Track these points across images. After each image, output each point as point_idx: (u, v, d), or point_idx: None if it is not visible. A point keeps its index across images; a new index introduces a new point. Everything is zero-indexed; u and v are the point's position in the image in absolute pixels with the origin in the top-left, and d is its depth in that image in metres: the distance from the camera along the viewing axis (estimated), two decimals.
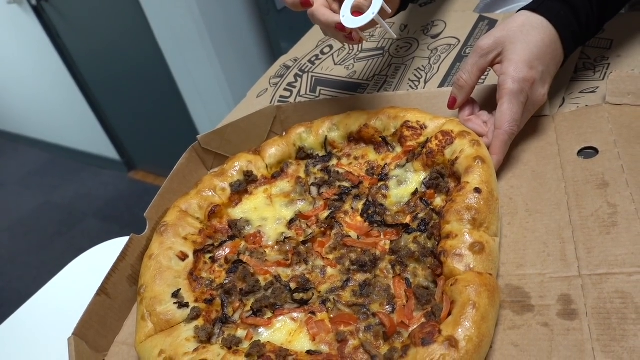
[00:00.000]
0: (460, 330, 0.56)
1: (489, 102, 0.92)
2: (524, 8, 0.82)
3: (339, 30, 0.79)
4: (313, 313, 0.69)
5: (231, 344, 0.67)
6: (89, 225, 3.87)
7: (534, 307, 0.62)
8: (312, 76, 1.22)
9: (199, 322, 0.72)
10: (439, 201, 0.78)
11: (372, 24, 0.78)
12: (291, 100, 1.17)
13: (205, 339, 0.68)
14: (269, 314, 0.71)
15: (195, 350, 0.67)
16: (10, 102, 4.56)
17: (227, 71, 2.70)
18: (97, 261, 0.93)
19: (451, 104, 0.87)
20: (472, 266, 0.63)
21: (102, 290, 0.76)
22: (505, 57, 0.78)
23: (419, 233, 0.74)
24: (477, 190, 0.70)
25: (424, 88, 1.05)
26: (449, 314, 0.60)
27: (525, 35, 0.77)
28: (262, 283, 0.76)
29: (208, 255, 0.83)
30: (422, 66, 1.11)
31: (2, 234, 3.98)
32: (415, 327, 0.62)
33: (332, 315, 0.68)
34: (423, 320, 0.63)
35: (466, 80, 0.83)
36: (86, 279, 0.83)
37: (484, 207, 0.68)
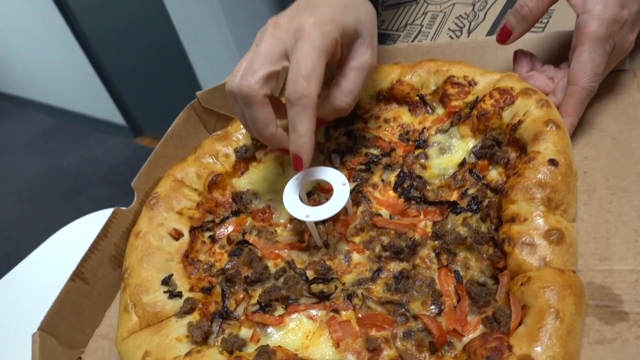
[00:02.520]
0: (538, 347, 0.42)
1: (551, 54, 0.75)
2: None
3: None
4: (336, 311, 0.55)
5: (233, 347, 0.54)
6: (95, 191, 3.80)
7: (629, 315, 0.47)
8: None
9: (194, 316, 0.58)
10: (494, 175, 0.62)
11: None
12: None
13: (200, 339, 0.55)
14: (281, 310, 0.57)
15: (188, 354, 0.53)
16: (14, 66, 4.44)
17: (235, 29, 2.52)
18: (78, 237, 0.80)
19: (504, 36, 0.69)
20: (548, 260, 0.48)
21: (78, 275, 0.62)
22: None
23: (469, 213, 0.59)
24: (553, 162, 0.54)
25: (467, 37, 0.88)
26: (520, 322, 0.45)
27: None
28: (272, 270, 0.62)
29: (207, 234, 0.69)
30: (465, 13, 0.93)
31: (9, 198, 3.92)
32: (471, 336, 0.48)
33: (360, 315, 0.54)
34: (481, 327, 0.48)
35: (531, 9, 0.66)
36: (63, 259, 0.69)
37: (561, 184, 0.53)
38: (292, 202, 0.61)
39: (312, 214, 0.58)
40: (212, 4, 2.47)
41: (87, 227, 0.81)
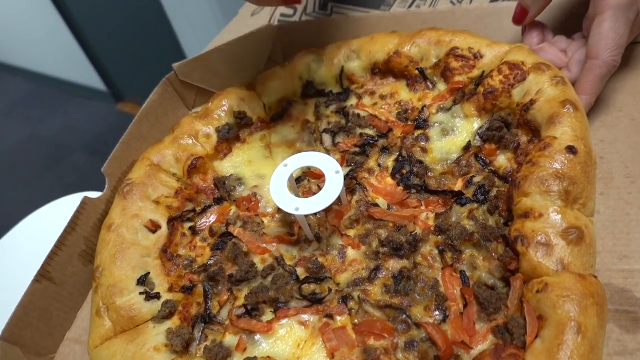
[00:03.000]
0: None
1: (563, 23, 0.69)
2: None
3: None
4: (330, 316, 0.50)
5: (216, 357, 0.49)
6: (77, 159, 3.70)
7: None
8: None
9: (173, 321, 0.53)
10: (502, 160, 0.57)
11: None
12: (295, 19, 0.92)
13: (180, 348, 0.50)
14: (269, 314, 0.52)
15: None
16: None
17: None
18: (46, 226, 0.73)
19: (519, 17, 0.63)
20: (566, 262, 0.43)
21: (43, 275, 0.56)
22: None
23: (476, 205, 0.54)
24: (571, 149, 0.48)
25: (470, 3, 0.80)
26: (536, 336, 0.40)
27: None
28: (259, 266, 0.56)
29: (187, 225, 0.63)
30: None
31: None
32: (480, 347, 0.43)
33: (356, 321, 0.49)
34: (491, 337, 0.44)
35: None
36: (28, 254, 0.63)
37: (580, 175, 0.47)
38: (280, 192, 0.54)
39: (302, 206, 0.52)
40: None
41: (55, 216, 0.74)
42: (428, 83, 0.67)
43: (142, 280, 0.56)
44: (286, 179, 0.56)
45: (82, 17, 3.40)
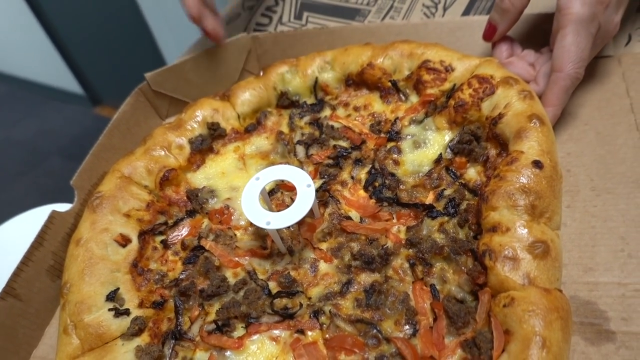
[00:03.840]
0: None
1: (531, 37, 0.70)
2: None
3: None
4: (301, 332, 0.50)
5: None
6: (53, 163, 3.62)
7: (615, 335, 0.44)
8: None
9: (143, 338, 0.52)
10: (472, 174, 0.57)
11: None
12: (270, 29, 0.93)
13: None
14: (241, 330, 0.51)
15: None
16: None
17: None
18: (13, 240, 0.72)
19: (489, 34, 0.65)
20: (532, 276, 0.44)
21: (8, 292, 0.55)
22: None
23: (446, 218, 0.54)
24: (537, 164, 0.49)
25: (442, 16, 0.81)
26: (503, 350, 0.41)
27: None
28: (231, 281, 0.56)
29: (159, 238, 0.62)
30: None
31: None
32: None
33: (327, 336, 0.49)
34: (460, 352, 0.44)
35: (512, 2, 0.61)
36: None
37: (546, 189, 0.48)
38: (252, 206, 0.54)
39: (274, 220, 0.52)
40: None
41: (22, 230, 0.72)
42: (401, 95, 0.68)
43: (112, 296, 0.55)
44: (258, 192, 0.55)
45: (58, 20, 3.35)
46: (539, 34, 0.68)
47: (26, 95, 4.39)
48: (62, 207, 0.63)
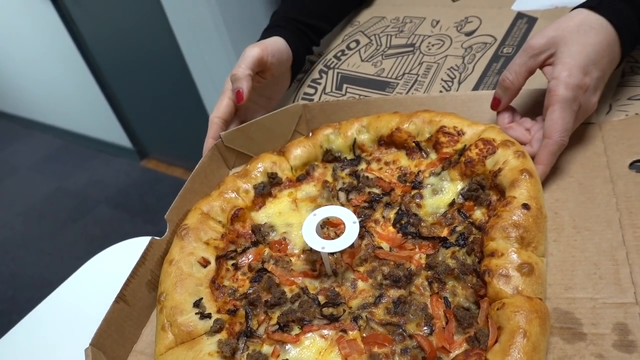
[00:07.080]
0: None
1: (531, 107, 0.87)
2: (581, 5, 0.76)
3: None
4: (344, 331, 0.65)
5: None
6: (101, 212, 3.86)
7: (587, 336, 0.58)
8: (337, 72, 1.17)
9: (222, 335, 0.68)
10: (478, 214, 0.73)
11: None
12: (315, 97, 1.12)
13: (229, 354, 0.64)
14: (297, 330, 0.67)
15: None
16: (24, 87, 4.55)
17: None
18: (112, 262, 0.90)
19: (495, 105, 0.82)
20: (520, 289, 0.58)
21: (121, 298, 0.72)
22: (558, 59, 0.72)
23: (457, 248, 0.69)
24: (525, 206, 0.65)
25: (457, 89, 1.00)
26: (496, 341, 0.55)
27: (582, 36, 0.71)
28: (289, 295, 0.72)
29: (230, 262, 0.79)
30: (456, 65, 1.05)
31: (15, 219, 3.98)
32: (457, 352, 0.58)
33: (364, 334, 0.64)
34: (465, 345, 0.58)
35: (512, 82, 0.77)
36: (101, 281, 0.80)
37: (532, 225, 0.63)
38: (310, 235, 0.71)
39: (327, 246, 0.69)
40: (221, 35, 2.58)
41: (118, 254, 0.91)
42: (423, 153, 0.85)
43: (197, 303, 0.71)
44: (315, 225, 0.72)
45: (113, 78, 3.61)
46: (536, 106, 0.85)
47: (79, 148, 4.74)
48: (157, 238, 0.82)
